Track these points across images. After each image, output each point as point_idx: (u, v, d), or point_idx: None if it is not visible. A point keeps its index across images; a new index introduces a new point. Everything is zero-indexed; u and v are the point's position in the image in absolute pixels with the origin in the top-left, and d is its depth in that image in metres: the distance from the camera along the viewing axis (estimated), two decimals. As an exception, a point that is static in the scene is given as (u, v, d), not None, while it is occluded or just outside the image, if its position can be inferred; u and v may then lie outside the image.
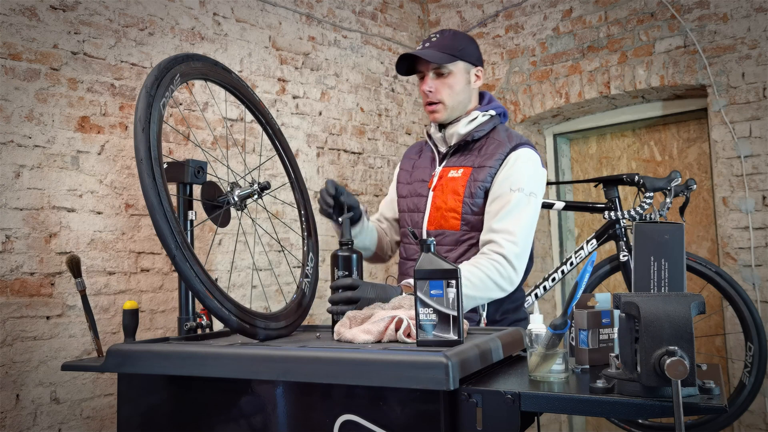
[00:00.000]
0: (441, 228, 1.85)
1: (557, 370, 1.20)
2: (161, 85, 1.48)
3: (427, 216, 1.89)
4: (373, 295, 1.58)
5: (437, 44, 1.86)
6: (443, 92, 1.86)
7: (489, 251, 1.74)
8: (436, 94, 1.86)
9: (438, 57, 1.83)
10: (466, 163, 1.87)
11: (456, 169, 1.88)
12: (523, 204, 1.77)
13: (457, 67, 1.86)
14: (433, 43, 1.87)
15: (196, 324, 1.74)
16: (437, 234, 1.85)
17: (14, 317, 2.14)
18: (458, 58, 1.85)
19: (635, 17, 3.36)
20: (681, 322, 1.03)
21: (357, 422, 1.20)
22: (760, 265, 2.96)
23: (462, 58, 1.86)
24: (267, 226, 2.82)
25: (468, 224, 1.82)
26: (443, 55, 1.83)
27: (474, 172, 1.83)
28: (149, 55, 2.59)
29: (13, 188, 2.16)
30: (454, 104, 1.87)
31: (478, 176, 1.82)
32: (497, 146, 1.84)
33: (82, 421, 2.30)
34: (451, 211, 1.83)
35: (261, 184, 1.79)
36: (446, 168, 1.90)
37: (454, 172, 1.87)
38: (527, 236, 1.77)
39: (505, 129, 1.92)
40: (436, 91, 1.86)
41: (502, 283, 1.72)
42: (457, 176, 1.86)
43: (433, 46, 1.86)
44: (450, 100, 1.87)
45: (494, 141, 1.87)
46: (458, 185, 1.84)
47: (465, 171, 1.85)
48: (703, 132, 3.45)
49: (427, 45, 1.87)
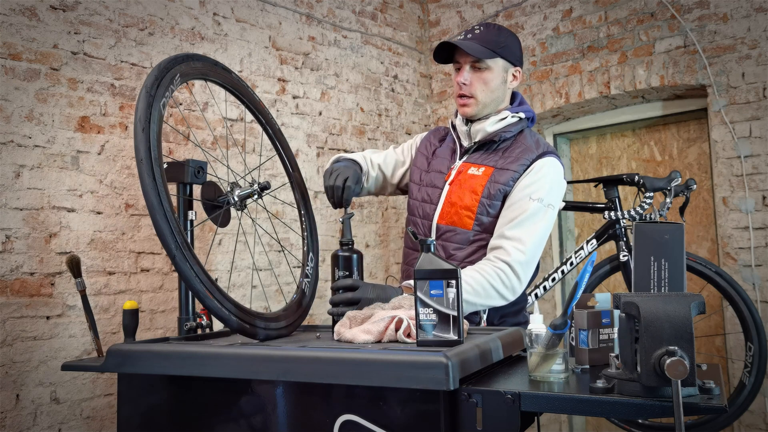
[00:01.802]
0: (453, 224, 1.80)
1: (557, 370, 1.20)
2: (161, 85, 1.48)
3: (439, 209, 1.83)
4: (374, 296, 1.58)
5: (480, 37, 1.80)
6: (477, 87, 1.81)
7: (495, 258, 1.70)
8: (470, 87, 1.81)
9: (479, 51, 1.77)
10: (488, 163, 1.83)
11: (477, 166, 1.83)
12: (540, 215, 1.73)
13: (496, 64, 1.81)
14: (476, 35, 1.81)
15: (196, 324, 1.74)
16: (447, 230, 1.81)
17: (14, 317, 2.14)
18: (499, 55, 1.80)
19: (635, 17, 3.36)
20: (681, 322, 1.03)
21: (357, 422, 1.20)
22: (760, 265, 2.96)
23: (503, 55, 1.81)
24: (267, 226, 2.82)
25: (481, 225, 1.78)
26: (484, 49, 1.78)
27: (495, 173, 1.79)
28: (149, 55, 2.59)
29: (13, 188, 2.16)
30: (486, 101, 1.83)
31: (500, 178, 1.78)
32: (523, 151, 1.80)
33: (82, 421, 2.29)
34: (467, 209, 1.78)
35: (261, 184, 1.79)
36: (467, 164, 1.86)
37: (475, 170, 1.82)
38: (537, 247, 1.73)
39: (532, 134, 1.87)
40: (471, 85, 1.81)
41: (504, 291, 1.69)
42: (477, 174, 1.81)
43: (475, 38, 1.80)
44: (483, 96, 1.82)
45: (521, 145, 1.82)
46: (477, 184, 1.79)
47: (486, 170, 1.81)
48: (703, 132, 3.45)
49: (469, 36, 1.81)
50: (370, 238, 3.60)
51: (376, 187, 2.04)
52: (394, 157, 2.04)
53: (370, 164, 1.99)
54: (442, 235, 1.81)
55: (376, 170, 2.00)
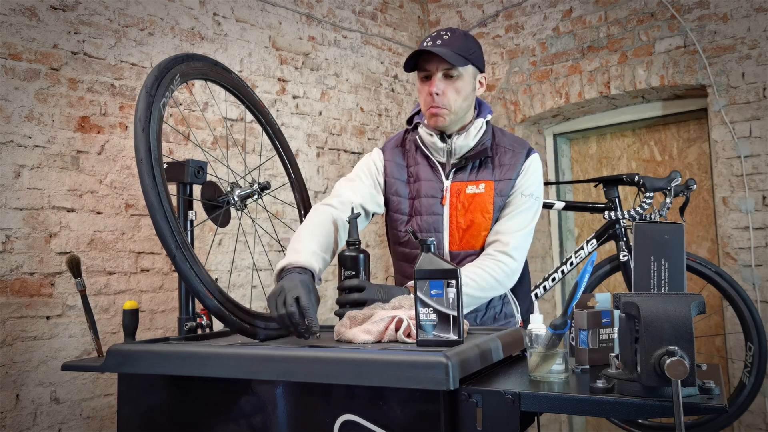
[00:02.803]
0: (472, 248, 1.77)
1: (557, 370, 1.20)
2: (161, 85, 1.48)
3: (447, 237, 1.77)
4: (380, 298, 1.56)
5: (450, 43, 1.70)
6: (450, 97, 1.71)
7: (494, 251, 1.74)
8: (442, 97, 1.71)
9: (454, 57, 1.68)
10: (484, 177, 1.77)
11: (475, 184, 1.76)
12: (531, 208, 1.78)
13: (467, 71, 1.73)
14: (445, 41, 1.70)
15: (196, 324, 1.74)
16: (466, 255, 1.77)
17: (14, 317, 2.14)
18: (470, 61, 1.72)
19: (635, 17, 3.36)
20: (681, 322, 1.03)
21: (357, 422, 1.20)
22: (760, 265, 2.96)
23: (472, 62, 1.73)
24: (267, 226, 2.82)
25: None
26: (458, 56, 1.69)
27: (497, 185, 1.76)
28: (149, 55, 2.59)
29: (13, 188, 2.16)
30: (459, 111, 1.74)
31: (502, 190, 1.76)
32: (511, 155, 1.78)
33: (82, 421, 2.29)
34: (483, 230, 1.76)
35: (261, 184, 1.79)
36: (460, 183, 1.78)
37: (474, 188, 1.76)
38: (528, 234, 1.78)
39: (500, 131, 1.84)
40: (443, 94, 1.71)
41: (505, 280, 1.74)
42: (479, 192, 1.76)
43: (445, 44, 1.70)
44: (456, 106, 1.73)
45: (504, 150, 1.79)
46: (485, 202, 1.75)
47: (487, 185, 1.76)
48: (703, 132, 3.45)
49: (439, 42, 1.70)
50: (370, 238, 3.60)
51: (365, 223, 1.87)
52: (369, 191, 1.83)
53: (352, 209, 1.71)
54: (461, 261, 1.78)
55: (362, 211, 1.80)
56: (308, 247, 1.59)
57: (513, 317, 1.85)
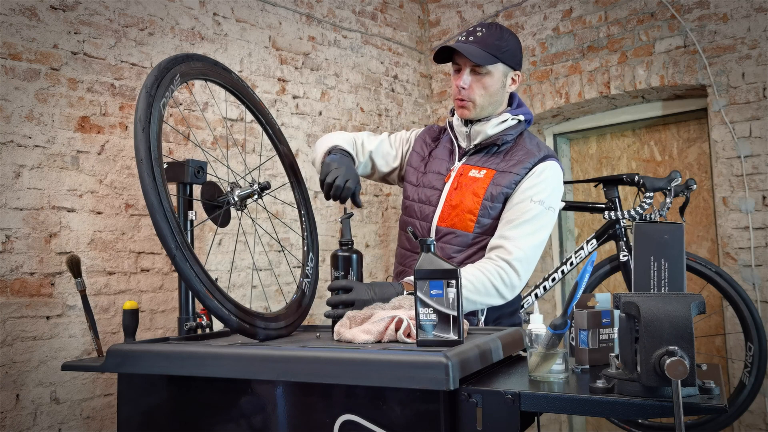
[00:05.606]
0: (453, 227, 1.79)
1: (557, 370, 1.20)
2: (161, 85, 1.48)
3: (439, 211, 1.82)
4: (369, 297, 1.57)
5: (482, 40, 1.77)
6: (476, 91, 1.79)
7: (496, 257, 1.71)
8: (468, 91, 1.79)
9: (480, 56, 1.75)
10: (489, 165, 1.81)
11: (478, 169, 1.82)
12: (541, 216, 1.74)
13: (497, 69, 1.79)
14: (477, 38, 1.77)
15: (196, 324, 1.74)
16: (448, 232, 1.80)
17: (14, 317, 2.14)
18: (500, 60, 1.77)
19: (635, 17, 3.36)
20: (681, 322, 1.03)
21: (357, 422, 1.20)
22: (760, 265, 2.96)
23: (503, 60, 1.78)
24: (267, 226, 2.82)
25: (481, 227, 1.78)
26: (486, 54, 1.75)
27: (497, 175, 1.78)
28: (149, 55, 2.59)
29: (13, 188, 2.16)
30: (484, 104, 1.81)
31: (502, 181, 1.77)
32: (525, 154, 1.80)
33: (82, 421, 2.30)
34: (468, 212, 1.78)
35: (261, 184, 1.79)
36: (467, 166, 1.84)
37: (476, 172, 1.81)
38: (537, 248, 1.74)
39: (531, 137, 1.87)
40: (470, 89, 1.79)
41: (504, 290, 1.70)
42: (479, 177, 1.80)
43: (477, 41, 1.77)
44: (481, 100, 1.80)
45: (522, 148, 1.82)
46: (479, 186, 1.78)
47: (488, 173, 1.80)
48: (703, 132, 3.45)
49: (471, 39, 1.78)
50: (370, 238, 3.60)
51: (362, 173, 2.01)
52: (387, 149, 2.00)
53: (361, 150, 1.96)
54: (442, 238, 1.80)
55: (366, 157, 1.97)
56: (346, 141, 1.90)
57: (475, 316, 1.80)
